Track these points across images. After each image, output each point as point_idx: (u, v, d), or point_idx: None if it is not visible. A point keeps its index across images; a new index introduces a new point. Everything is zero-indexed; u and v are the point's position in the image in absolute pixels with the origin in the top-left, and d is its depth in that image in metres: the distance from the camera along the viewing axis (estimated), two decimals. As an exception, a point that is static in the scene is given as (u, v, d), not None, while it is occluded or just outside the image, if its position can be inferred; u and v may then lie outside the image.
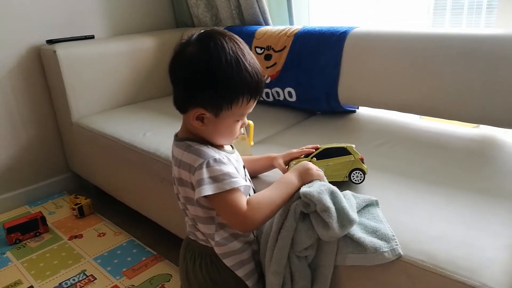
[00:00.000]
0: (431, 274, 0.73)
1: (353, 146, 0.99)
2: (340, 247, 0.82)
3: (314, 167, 0.87)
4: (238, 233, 0.85)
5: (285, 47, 1.62)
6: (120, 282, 1.41)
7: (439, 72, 1.28)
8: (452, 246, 0.76)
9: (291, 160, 0.99)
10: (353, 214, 0.79)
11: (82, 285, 1.40)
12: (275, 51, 1.65)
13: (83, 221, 1.81)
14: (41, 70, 1.92)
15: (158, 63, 2.08)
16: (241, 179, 0.77)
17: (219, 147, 0.84)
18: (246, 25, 1.94)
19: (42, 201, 2.01)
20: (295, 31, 1.62)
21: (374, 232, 0.80)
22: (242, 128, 0.85)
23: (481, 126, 1.36)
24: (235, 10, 1.96)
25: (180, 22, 2.34)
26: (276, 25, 1.90)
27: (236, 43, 0.77)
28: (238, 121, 0.81)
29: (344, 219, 0.78)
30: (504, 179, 1.01)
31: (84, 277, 1.44)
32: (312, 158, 0.96)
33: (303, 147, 1.02)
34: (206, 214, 0.81)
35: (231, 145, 0.89)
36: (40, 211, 1.76)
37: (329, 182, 0.87)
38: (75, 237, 1.69)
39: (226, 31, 0.79)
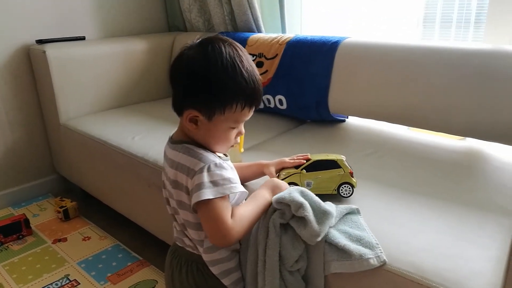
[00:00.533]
0: (417, 285, 0.74)
1: (344, 158, 0.99)
2: (325, 254, 0.82)
3: (283, 184, 0.90)
4: None
5: (277, 55, 1.63)
6: (104, 287, 1.39)
7: (428, 84, 1.30)
8: (439, 258, 0.77)
9: (282, 169, 1.00)
10: (328, 207, 0.81)
11: (65, 290, 1.38)
12: (267, 59, 1.65)
13: (68, 224, 1.78)
14: (30, 70, 1.89)
15: (149, 66, 2.07)
16: (240, 185, 0.78)
17: (214, 152, 0.83)
18: (239, 31, 1.95)
19: (26, 203, 1.97)
20: (287, 39, 1.63)
21: (358, 240, 0.81)
22: (237, 138, 0.84)
23: (467, 138, 1.38)
24: (228, 16, 1.97)
25: (173, 26, 2.34)
26: (268, 32, 1.91)
27: (236, 49, 0.77)
28: (233, 128, 0.80)
29: (319, 212, 0.80)
30: (490, 192, 1.03)
31: (68, 281, 1.42)
32: (302, 170, 0.97)
33: (295, 156, 1.02)
34: (198, 219, 0.80)
35: (224, 154, 0.89)
36: (23, 213, 1.72)
37: (317, 194, 0.87)
38: (59, 240, 1.66)
39: (228, 38, 0.80)
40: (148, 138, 1.49)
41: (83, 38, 1.97)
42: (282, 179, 0.99)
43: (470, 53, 1.24)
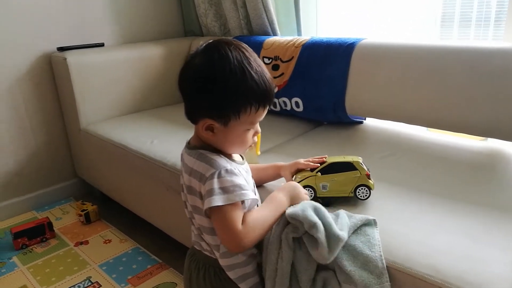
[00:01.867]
0: (438, 289, 0.73)
1: (360, 160, 0.98)
2: (336, 271, 0.81)
3: (301, 190, 0.88)
4: None
5: (292, 57, 1.63)
6: (125, 289, 1.41)
7: (446, 84, 1.28)
8: (459, 261, 0.76)
9: (297, 171, 0.99)
10: (339, 231, 0.77)
11: (87, 291, 1.41)
12: (282, 61, 1.66)
13: (89, 227, 1.81)
14: (51, 77, 1.94)
15: (167, 71, 2.09)
16: (251, 192, 0.77)
17: (230, 156, 0.83)
18: (255, 35, 1.96)
19: (49, 206, 2.02)
20: (303, 42, 1.63)
21: (365, 264, 0.78)
22: (255, 137, 0.84)
23: (489, 139, 1.35)
24: (243, 20, 1.98)
25: (189, 31, 2.36)
26: (284, 35, 1.91)
27: (242, 51, 0.75)
28: (249, 129, 0.80)
29: (331, 235, 0.77)
30: (510, 193, 1.01)
31: (89, 283, 1.45)
32: (317, 172, 0.96)
33: (310, 158, 1.02)
34: (212, 224, 0.80)
35: (241, 156, 0.89)
36: (47, 217, 1.77)
37: (334, 197, 0.86)
38: (81, 243, 1.70)
39: (233, 40, 0.79)
40: (167, 142, 1.51)
41: (102, 45, 2.01)
42: (297, 182, 0.98)
43: (490, 53, 1.22)
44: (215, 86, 0.73)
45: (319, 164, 0.98)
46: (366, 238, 0.82)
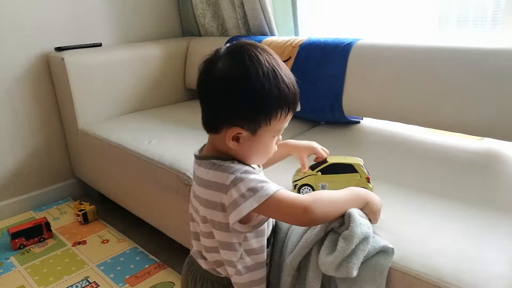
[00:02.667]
0: None
1: (361, 163, 0.98)
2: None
3: (380, 208, 0.82)
4: (262, 262, 0.79)
5: (290, 57, 1.63)
6: (123, 289, 1.41)
7: (443, 84, 1.29)
8: (457, 260, 0.76)
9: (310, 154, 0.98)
10: (356, 270, 0.74)
11: (85, 291, 1.41)
12: (280, 62, 1.66)
13: (87, 227, 1.81)
14: (49, 77, 1.94)
15: (164, 71, 2.10)
16: (273, 183, 0.72)
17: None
18: (252, 35, 1.96)
19: (47, 206, 2.02)
20: (300, 42, 1.63)
21: None
22: (276, 145, 0.80)
23: (485, 139, 1.36)
24: (241, 20, 1.99)
25: (187, 31, 2.37)
26: (281, 35, 1.91)
27: (270, 54, 0.71)
28: (274, 137, 0.76)
29: (347, 262, 0.73)
30: (508, 193, 1.01)
31: (87, 283, 1.45)
32: (317, 172, 0.96)
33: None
34: (232, 239, 0.75)
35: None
36: (44, 217, 1.76)
37: None
38: (79, 243, 1.70)
39: (255, 42, 0.75)
40: (165, 142, 1.51)
41: (99, 45, 2.01)
42: (296, 180, 0.98)
43: (487, 53, 1.22)
44: (248, 90, 0.68)
45: (325, 155, 0.97)
46: (373, 272, 0.78)
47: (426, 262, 0.77)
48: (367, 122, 1.62)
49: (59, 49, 1.89)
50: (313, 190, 0.96)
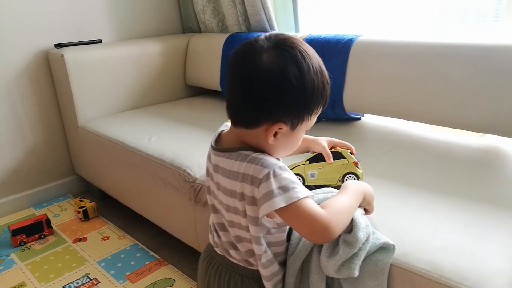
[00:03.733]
0: (436, 284, 0.73)
1: (348, 151, 0.97)
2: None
3: (374, 195, 0.83)
4: (278, 252, 0.79)
5: (291, 54, 1.62)
6: (123, 286, 1.41)
7: (445, 80, 1.29)
8: (457, 256, 0.76)
9: (332, 148, 0.97)
10: (357, 270, 0.75)
11: (85, 288, 1.41)
12: (281, 58, 1.65)
13: (88, 224, 1.81)
14: (49, 73, 1.93)
15: (164, 68, 2.09)
16: (304, 187, 0.70)
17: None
18: (252, 31, 1.95)
19: (47, 203, 2.02)
20: (301, 39, 1.62)
21: None
22: None
23: (487, 135, 1.35)
24: (241, 16, 1.98)
25: (187, 28, 2.36)
26: (282, 32, 1.90)
27: (312, 49, 0.71)
28: (305, 131, 0.76)
29: (349, 263, 0.74)
30: (508, 189, 1.01)
31: (88, 280, 1.45)
32: (306, 161, 0.97)
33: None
34: (259, 233, 0.74)
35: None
36: (45, 214, 1.77)
37: (323, 185, 0.86)
38: (79, 240, 1.70)
39: (296, 35, 0.74)
40: (165, 138, 1.51)
41: (99, 42, 2.01)
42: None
43: (488, 49, 1.22)
44: (300, 86, 0.67)
45: (351, 146, 0.96)
46: (374, 269, 0.77)
47: (427, 259, 0.77)
48: (368, 119, 1.62)
49: (58, 45, 1.88)
50: (303, 179, 0.96)
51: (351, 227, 0.74)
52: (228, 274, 0.82)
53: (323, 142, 0.95)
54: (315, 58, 0.70)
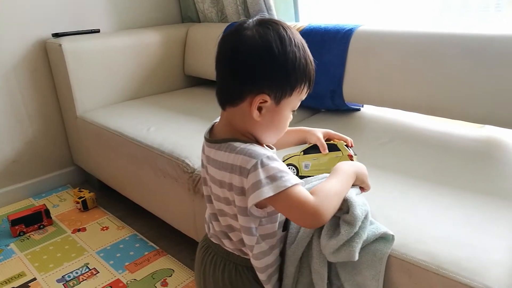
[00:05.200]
0: (433, 275, 0.73)
1: (344, 143, 0.95)
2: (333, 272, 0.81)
3: (367, 175, 0.83)
4: (274, 245, 0.79)
5: (290, 44, 1.61)
6: (122, 276, 1.42)
7: (445, 71, 1.28)
8: (456, 247, 0.76)
9: (327, 140, 0.96)
10: (357, 252, 0.74)
11: (84, 278, 1.41)
12: (280, 48, 1.64)
13: (87, 214, 1.82)
14: (47, 63, 1.92)
15: (163, 57, 2.08)
16: (294, 176, 0.71)
17: (262, 145, 0.77)
18: (252, 21, 1.93)
19: (47, 194, 2.02)
20: (301, 28, 1.61)
21: (361, 285, 0.78)
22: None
23: (486, 126, 1.35)
24: (240, 6, 1.96)
25: (186, 17, 2.34)
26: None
27: (296, 31, 0.74)
28: (291, 111, 0.77)
29: (349, 244, 0.74)
30: (508, 181, 1.01)
31: (87, 270, 1.45)
32: (301, 152, 0.96)
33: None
34: (250, 223, 0.74)
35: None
36: (44, 204, 1.77)
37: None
38: (79, 230, 1.70)
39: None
40: (163, 129, 1.51)
41: (97, 31, 1.99)
42: (282, 160, 0.98)
43: (489, 39, 1.21)
44: (281, 56, 0.69)
45: (348, 138, 0.95)
46: (372, 258, 0.78)
47: (425, 249, 0.76)
48: (367, 110, 1.61)
49: (56, 35, 1.86)
50: (297, 169, 0.96)
51: (347, 208, 0.75)
52: (223, 262, 0.83)
53: (319, 133, 0.95)
54: (298, 36, 0.72)
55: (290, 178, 0.69)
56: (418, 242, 0.78)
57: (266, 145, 0.79)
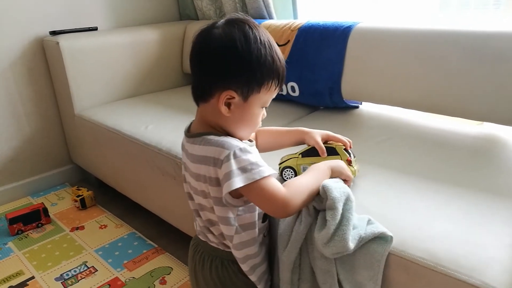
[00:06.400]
0: (431, 272, 0.73)
1: (343, 146, 0.95)
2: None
3: (347, 169, 0.87)
4: (256, 237, 0.81)
5: (288, 41, 1.61)
6: (121, 274, 1.41)
7: (444, 68, 1.27)
8: (454, 244, 0.76)
9: (326, 142, 0.96)
10: (350, 242, 0.74)
11: (83, 276, 1.41)
12: (278, 45, 1.61)
13: (85, 212, 1.81)
14: (44, 61, 1.91)
15: (161, 55, 2.07)
16: (268, 167, 0.74)
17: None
18: (250, 18, 1.93)
19: (45, 192, 2.02)
20: (299, 25, 1.61)
21: (358, 284, 0.78)
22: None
23: (485, 123, 1.35)
24: (239, 3, 1.95)
25: (184, 15, 2.33)
26: (280, 19, 1.88)
27: (264, 31, 0.76)
28: (262, 108, 0.79)
29: (340, 233, 0.74)
30: (507, 178, 1.01)
31: (85, 268, 1.45)
32: (299, 154, 0.96)
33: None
34: (228, 213, 0.77)
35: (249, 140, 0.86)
36: (42, 202, 1.76)
37: None
38: (77, 228, 1.70)
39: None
40: (161, 127, 1.50)
41: (95, 29, 1.98)
42: (279, 163, 0.98)
43: (488, 36, 1.20)
44: (245, 53, 0.72)
45: (347, 142, 0.95)
46: (370, 260, 0.78)
47: (423, 247, 0.76)
48: (366, 107, 1.61)
49: (54, 33, 1.86)
50: (295, 172, 0.96)
51: (326, 195, 0.76)
52: (210, 258, 0.85)
53: (317, 136, 0.95)
54: (266, 34, 0.75)
55: (261, 170, 0.72)
56: (416, 239, 0.78)
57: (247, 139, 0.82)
